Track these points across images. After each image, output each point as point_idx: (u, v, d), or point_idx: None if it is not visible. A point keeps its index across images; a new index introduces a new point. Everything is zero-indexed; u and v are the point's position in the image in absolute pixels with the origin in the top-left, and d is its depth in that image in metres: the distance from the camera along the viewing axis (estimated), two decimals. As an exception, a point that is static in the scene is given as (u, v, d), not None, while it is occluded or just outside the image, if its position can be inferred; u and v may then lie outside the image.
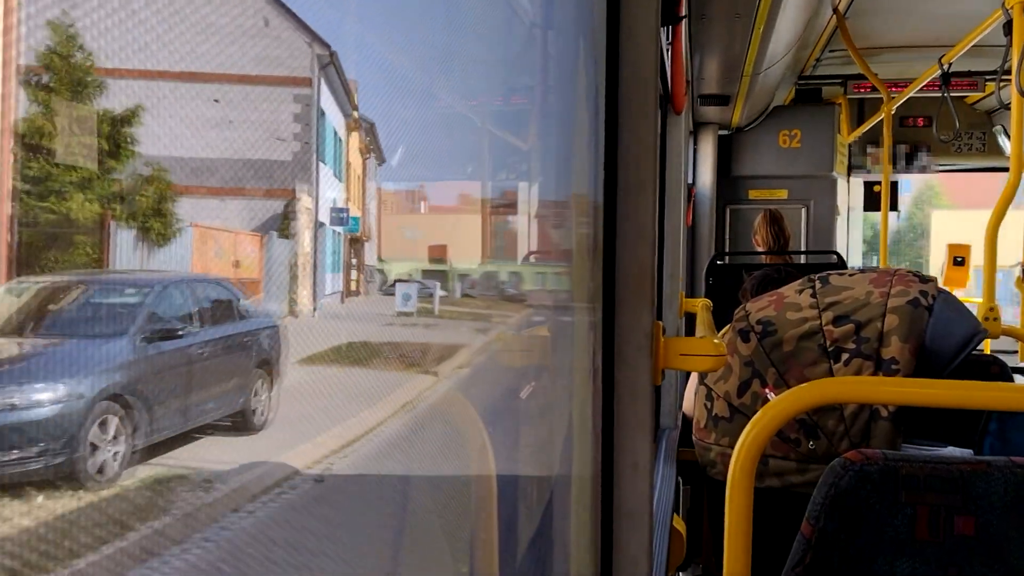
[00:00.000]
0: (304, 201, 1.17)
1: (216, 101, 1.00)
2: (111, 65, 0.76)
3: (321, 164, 1.25)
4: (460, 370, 1.55)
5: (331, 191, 1.33)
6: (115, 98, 0.80)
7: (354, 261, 1.38)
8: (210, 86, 0.98)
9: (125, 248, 0.88)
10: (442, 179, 1.46)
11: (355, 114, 1.37)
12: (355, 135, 1.41)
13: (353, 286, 1.41)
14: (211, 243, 1.06)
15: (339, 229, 1.33)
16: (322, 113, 1.26)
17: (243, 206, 1.10)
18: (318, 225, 1.23)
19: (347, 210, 1.35)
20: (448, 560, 1.43)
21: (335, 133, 1.38)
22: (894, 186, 6.61)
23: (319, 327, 1.21)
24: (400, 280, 1.42)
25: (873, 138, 7.34)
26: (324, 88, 1.25)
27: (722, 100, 5.82)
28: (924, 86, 5.62)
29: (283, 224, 1.16)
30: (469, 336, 1.70)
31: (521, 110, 1.58)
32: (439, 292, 1.42)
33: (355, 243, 1.36)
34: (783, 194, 7.24)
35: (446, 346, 1.59)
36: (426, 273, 1.45)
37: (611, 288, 1.44)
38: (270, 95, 1.10)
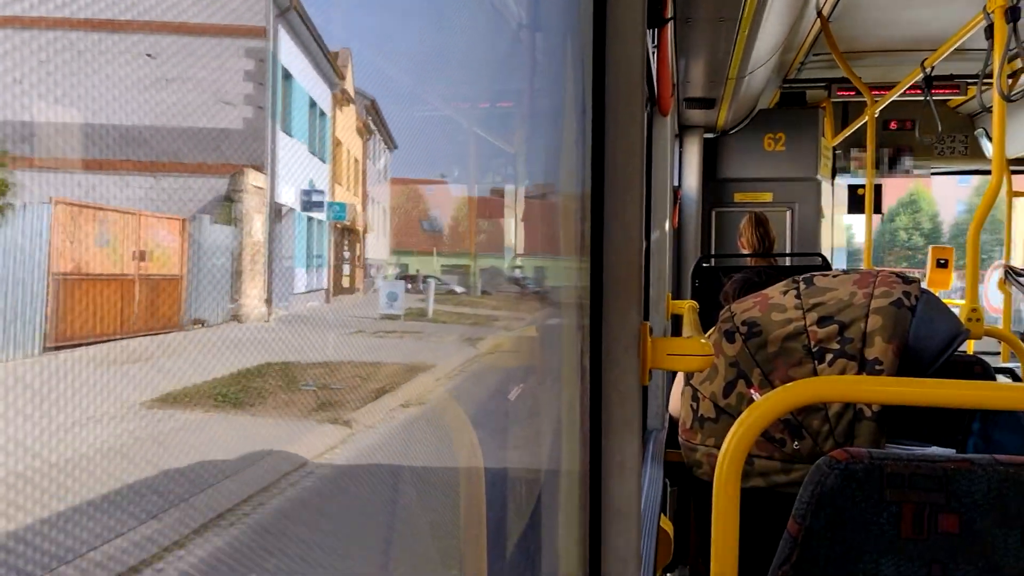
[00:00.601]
0: (252, 178, 0.95)
1: (150, 56, 0.82)
2: (11, 12, 0.58)
3: (285, 136, 1.05)
4: (405, 409, 1.19)
5: (304, 170, 1.15)
6: (20, 55, 0.60)
7: (347, 255, 1.28)
8: (144, 37, 0.79)
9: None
10: (433, 177, 1.43)
11: (344, 85, 1.21)
12: (349, 111, 1.29)
13: (347, 282, 1.29)
14: (89, 227, 0.76)
15: (318, 216, 1.17)
16: (287, 75, 1.07)
17: (181, 184, 0.88)
18: (282, 210, 1.03)
19: (324, 193, 1.19)
20: (437, 559, 1.43)
21: (312, 102, 1.21)
22: (878, 189, 6.67)
23: (244, 339, 0.88)
24: (398, 277, 1.31)
25: (857, 141, 7.39)
26: (286, 41, 1.04)
27: (707, 103, 5.86)
28: (907, 90, 5.67)
29: (223, 206, 0.92)
30: (455, 347, 1.44)
31: (507, 111, 1.58)
32: (432, 291, 1.33)
33: (350, 234, 1.27)
34: (768, 197, 7.28)
35: (408, 367, 1.24)
36: (444, 269, 1.34)
37: (599, 288, 1.45)
38: (216, 48, 0.90)
